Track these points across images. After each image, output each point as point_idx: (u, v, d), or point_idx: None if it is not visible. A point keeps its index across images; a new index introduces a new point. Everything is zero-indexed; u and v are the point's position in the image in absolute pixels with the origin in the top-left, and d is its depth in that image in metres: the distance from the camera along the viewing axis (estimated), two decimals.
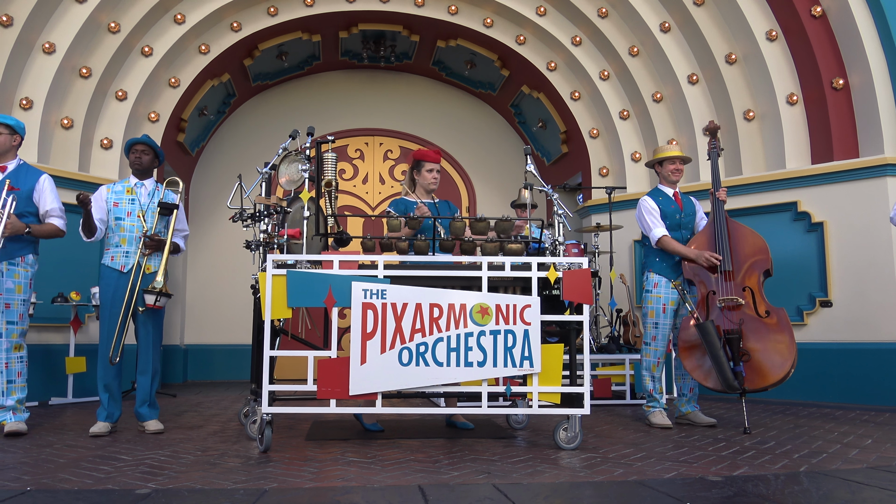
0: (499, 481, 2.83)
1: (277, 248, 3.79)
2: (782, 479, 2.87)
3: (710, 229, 4.54)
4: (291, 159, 3.98)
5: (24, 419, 4.17)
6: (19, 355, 4.12)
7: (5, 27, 5.81)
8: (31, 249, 4.20)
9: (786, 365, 4.15)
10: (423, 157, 4.42)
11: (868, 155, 5.95)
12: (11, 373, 4.07)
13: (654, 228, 4.59)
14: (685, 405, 4.62)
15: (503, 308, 3.55)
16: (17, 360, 4.11)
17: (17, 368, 4.10)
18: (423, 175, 4.41)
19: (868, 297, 5.80)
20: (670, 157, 4.70)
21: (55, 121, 6.22)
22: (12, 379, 4.08)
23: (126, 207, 4.30)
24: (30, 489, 2.67)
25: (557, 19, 7.33)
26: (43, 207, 4.26)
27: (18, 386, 4.11)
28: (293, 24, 7.28)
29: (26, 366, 4.18)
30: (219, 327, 8.03)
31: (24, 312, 4.14)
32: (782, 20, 6.46)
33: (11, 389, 4.07)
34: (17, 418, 4.11)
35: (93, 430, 4.10)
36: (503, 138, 8.86)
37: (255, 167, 4.34)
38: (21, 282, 4.13)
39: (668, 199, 4.69)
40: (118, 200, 4.32)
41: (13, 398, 4.08)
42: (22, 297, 4.12)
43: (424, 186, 4.44)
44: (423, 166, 4.40)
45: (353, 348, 3.47)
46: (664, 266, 4.61)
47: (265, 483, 2.78)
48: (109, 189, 4.39)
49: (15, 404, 4.09)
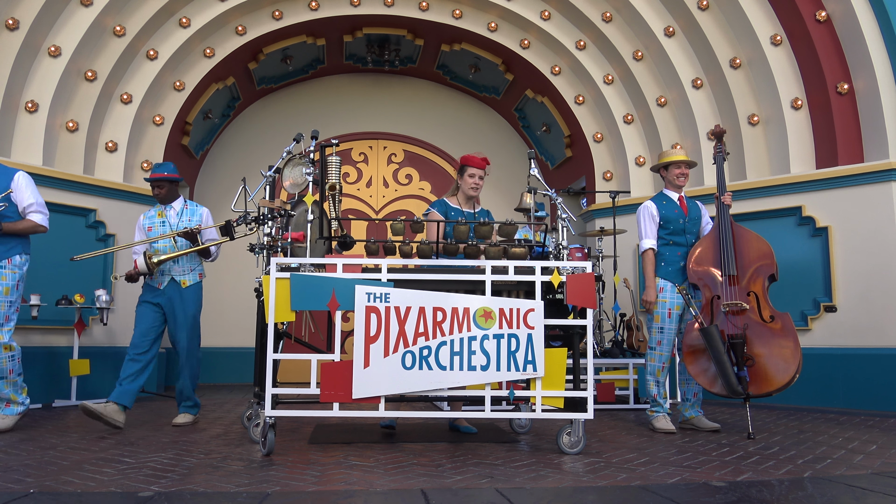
0: (502, 485, 2.82)
1: (281, 251, 3.79)
2: (786, 485, 2.85)
3: (715, 234, 4.53)
4: (295, 163, 3.98)
5: (15, 414, 4.29)
6: (10, 354, 4.23)
7: (11, 30, 5.84)
8: (18, 250, 4.30)
9: (790, 370, 4.14)
10: (468, 161, 4.43)
11: (873, 160, 5.94)
12: (3, 371, 4.22)
13: (644, 239, 4.68)
14: (689, 410, 4.60)
15: (507, 312, 3.55)
16: (7, 359, 4.22)
17: (9, 367, 4.24)
18: (465, 179, 4.43)
19: (873, 302, 5.78)
20: (676, 161, 4.69)
21: (60, 124, 6.25)
22: (4, 375, 4.23)
23: (158, 230, 4.72)
24: (33, 491, 2.68)
25: (562, 24, 7.34)
26: (21, 204, 4.33)
27: (11, 381, 4.25)
28: (298, 27, 7.30)
29: (19, 362, 4.29)
30: (222, 330, 8.04)
31: (10, 314, 4.24)
32: (787, 25, 6.46)
33: (4, 384, 4.24)
34: (7, 412, 4.27)
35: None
36: (507, 142, 8.86)
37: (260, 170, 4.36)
38: (8, 283, 4.23)
39: (672, 204, 4.68)
40: (151, 225, 4.76)
41: (6, 391, 4.25)
42: (9, 299, 4.23)
43: (465, 191, 4.44)
44: (466, 171, 4.42)
45: (356, 352, 3.46)
46: (669, 271, 4.60)
47: (268, 486, 2.78)
48: (144, 215, 4.85)
49: (10, 396, 4.26)
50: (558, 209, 4.05)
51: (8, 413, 4.30)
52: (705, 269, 4.47)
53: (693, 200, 4.80)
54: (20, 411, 4.35)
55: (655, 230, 4.66)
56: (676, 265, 4.60)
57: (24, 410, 4.38)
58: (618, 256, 6.80)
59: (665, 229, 4.65)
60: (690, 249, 4.57)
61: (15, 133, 5.93)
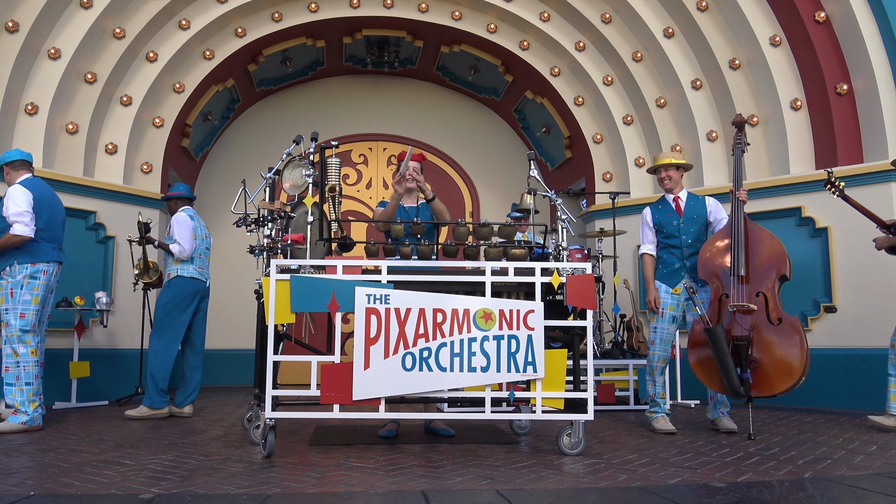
0: (502, 487, 2.82)
1: (281, 252, 3.79)
2: (787, 486, 2.85)
3: (727, 231, 4.49)
4: (295, 164, 3.98)
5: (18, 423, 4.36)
6: (16, 360, 4.38)
7: (11, 33, 5.84)
8: (12, 261, 4.43)
9: (794, 375, 4.08)
10: (400, 157, 4.39)
11: (872, 160, 5.94)
12: (10, 376, 4.39)
13: (642, 245, 4.81)
14: (710, 411, 4.62)
15: (507, 313, 3.55)
16: (13, 365, 4.38)
17: (14, 373, 4.38)
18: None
19: (872, 303, 5.78)
20: (658, 165, 4.71)
21: (60, 126, 6.25)
22: (11, 382, 4.39)
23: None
24: (33, 494, 2.68)
25: (561, 25, 7.34)
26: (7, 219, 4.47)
27: (17, 388, 4.38)
28: (297, 29, 7.31)
29: (24, 370, 4.40)
30: (222, 332, 8.04)
31: (9, 321, 4.40)
32: (786, 25, 6.46)
33: (11, 391, 4.39)
34: (13, 419, 4.39)
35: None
36: (507, 143, 8.87)
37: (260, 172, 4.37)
38: (3, 293, 4.42)
39: (666, 208, 4.70)
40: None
41: (12, 399, 4.39)
42: (3, 307, 4.41)
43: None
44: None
45: (356, 353, 3.47)
46: (664, 273, 4.66)
47: (268, 488, 2.78)
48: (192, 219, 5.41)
49: (14, 404, 4.37)
50: (558, 210, 4.05)
51: (13, 420, 4.36)
52: (714, 267, 4.43)
53: (699, 198, 4.74)
54: (23, 420, 4.37)
55: (652, 235, 4.76)
56: (671, 267, 4.62)
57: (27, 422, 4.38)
58: (618, 257, 6.80)
59: (660, 233, 4.71)
60: (702, 245, 4.55)
61: (15, 135, 5.93)
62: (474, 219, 8.56)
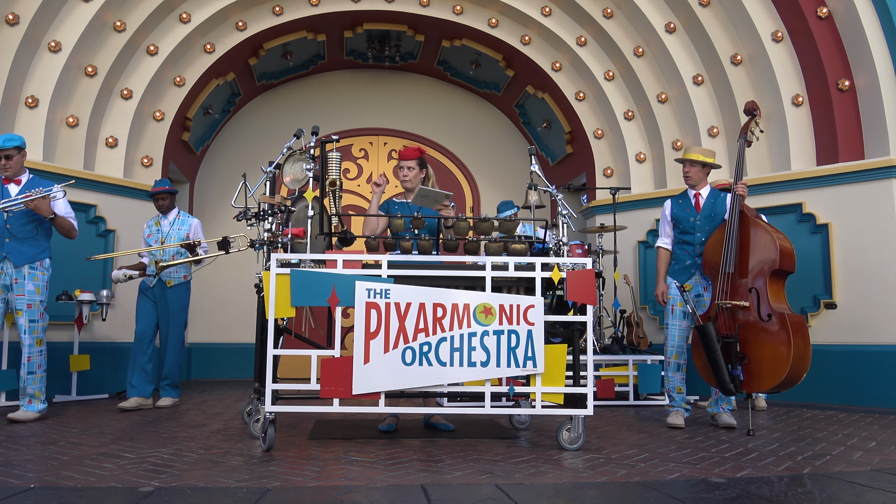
0: (501, 481, 2.82)
1: (281, 247, 3.79)
2: (786, 481, 2.86)
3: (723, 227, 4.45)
4: (296, 158, 3.98)
5: (36, 411, 4.55)
6: (40, 349, 4.60)
7: (11, 25, 5.83)
8: (47, 254, 4.70)
9: (780, 372, 4.04)
10: (398, 155, 4.47)
11: (874, 156, 5.93)
12: (32, 365, 4.55)
13: (659, 237, 4.85)
14: (711, 406, 4.64)
15: (507, 308, 3.55)
16: (38, 353, 4.58)
17: (37, 361, 4.58)
18: (397, 173, 4.47)
19: (873, 300, 5.78)
20: (684, 159, 4.71)
21: (60, 119, 6.24)
22: (33, 370, 4.56)
23: (154, 237, 5.56)
24: (33, 486, 2.68)
25: (563, 20, 7.32)
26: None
27: (38, 377, 4.57)
28: (298, 23, 7.29)
29: (45, 358, 4.64)
30: (222, 326, 8.04)
31: (42, 311, 4.63)
32: (788, 21, 6.45)
33: (32, 380, 4.54)
34: (29, 408, 4.53)
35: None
36: (508, 138, 8.85)
37: (260, 166, 4.36)
38: (39, 284, 4.61)
39: (686, 202, 4.70)
40: (150, 233, 5.62)
41: (34, 387, 4.55)
42: (40, 298, 4.61)
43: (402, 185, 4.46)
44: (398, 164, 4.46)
45: (356, 348, 3.47)
46: (676, 269, 4.68)
47: (268, 482, 2.78)
48: (146, 224, 5.69)
49: (35, 392, 4.55)
50: (558, 205, 4.05)
51: (29, 409, 4.55)
52: (712, 265, 4.45)
53: (720, 196, 4.66)
54: (41, 409, 4.59)
55: (669, 229, 4.76)
56: (683, 263, 4.63)
57: (43, 410, 4.63)
58: (618, 253, 6.80)
59: (676, 228, 4.71)
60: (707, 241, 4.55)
61: (15, 128, 5.92)
62: (475, 213, 8.56)
